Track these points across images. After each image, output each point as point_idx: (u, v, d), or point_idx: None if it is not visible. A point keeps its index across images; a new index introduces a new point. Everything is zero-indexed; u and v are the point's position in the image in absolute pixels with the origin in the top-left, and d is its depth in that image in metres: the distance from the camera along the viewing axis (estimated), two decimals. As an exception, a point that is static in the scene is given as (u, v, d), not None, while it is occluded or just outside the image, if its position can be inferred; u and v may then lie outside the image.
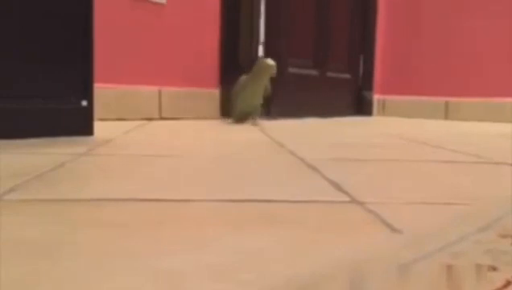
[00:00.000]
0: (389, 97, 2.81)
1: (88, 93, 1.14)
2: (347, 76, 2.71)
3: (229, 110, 1.97)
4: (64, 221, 0.44)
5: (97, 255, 0.35)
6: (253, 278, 0.31)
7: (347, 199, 0.56)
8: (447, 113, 2.66)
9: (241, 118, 1.88)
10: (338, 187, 0.63)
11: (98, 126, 1.16)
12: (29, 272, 0.32)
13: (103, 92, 1.63)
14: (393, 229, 0.44)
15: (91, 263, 0.34)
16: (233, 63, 2.21)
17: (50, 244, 0.38)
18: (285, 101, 2.31)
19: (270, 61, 1.84)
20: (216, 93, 2.15)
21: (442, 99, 2.67)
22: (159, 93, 1.95)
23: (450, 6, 2.66)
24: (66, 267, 0.33)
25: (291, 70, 2.36)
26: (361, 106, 2.79)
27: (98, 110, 1.18)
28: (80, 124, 1.13)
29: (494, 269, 0.32)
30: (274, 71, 1.85)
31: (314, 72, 2.51)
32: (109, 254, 0.36)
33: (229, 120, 1.94)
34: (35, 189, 0.58)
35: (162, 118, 1.95)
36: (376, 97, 2.86)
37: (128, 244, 0.38)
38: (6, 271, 0.32)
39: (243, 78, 1.89)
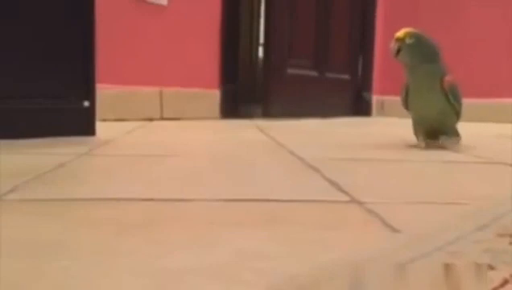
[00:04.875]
0: (388, 98, 2.81)
1: (90, 94, 1.14)
2: (346, 76, 2.71)
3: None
4: (64, 221, 0.44)
5: (97, 255, 0.35)
6: (253, 278, 0.32)
7: (347, 199, 0.56)
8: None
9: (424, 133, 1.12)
10: (338, 187, 0.63)
11: (99, 127, 1.16)
12: (29, 272, 0.32)
13: (104, 92, 1.63)
14: (392, 229, 0.44)
15: (91, 263, 0.34)
16: (233, 63, 2.21)
17: (50, 244, 0.38)
18: (284, 101, 2.32)
19: None
20: (216, 93, 2.15)
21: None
22: (160, 93, 1.95)
23: (449, 6, 2.66)
24: (66, 267, 0.33)
25: (291, 71, 2.36)
26: (360, 107, 2.79)
27: (99, 111, 1.17)
28: (82, 124, 1.13)
29: (492, 268, 0.32)
30: None
31: (313, 73, 2.51)
32: (109, 254, 0.36)
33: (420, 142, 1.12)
34: (35, 189, 0.58)
35: (163, 119, 1.95)
36: (375, 98, 2.86)
37: (128, 244, 0.38)
38: (5, 270, 0.32)
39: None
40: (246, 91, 2.35)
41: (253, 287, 0.30)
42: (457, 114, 1.11)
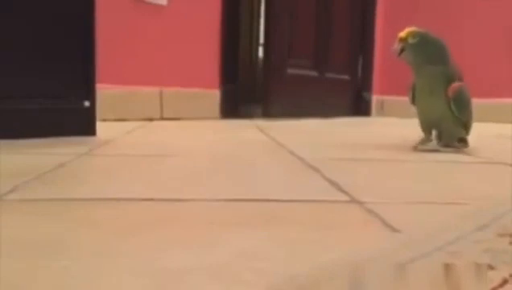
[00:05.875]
0: (388, 98, 2.81)
1: (90, 94, 1.14)
2: (346, 77, 2.71)
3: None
4: (64, 221, 0.44)
5: (97, 255, 0.35)
6: (253, 278, 0.32)
7: (347, 199, 0.56)
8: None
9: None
10: (338, 187, 0.63)
11: (99, 127, 1.16)
12: (29, 272, 0.32)
13: (104, 92, 1.63)
14: (392, 229, 0.44)
15: (91, 263, 0.34)
16: (233, 63, 2.21)
17: (50, 244, 0.38)
18: (284, 101, 2.32)
19: None
20: (216, 93, 2.16)
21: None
22: (160, 93, 1.95)
23: (449, 6, 2.66)
24: (66, 267, 0.33)
25: (291, 71, 2.36)
26: (359, 107, 2.79)
27: (99, 111, 1.18)
28: (83, 124, 1.13)
29: (492, 268, 0.32)
30: None
31: (313, 73, 2.51)
32: (109, 254, 0.36)
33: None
34: (35, 189, 0.58)
35: (163, 119, 1.95)
36: (375, 98, 2.86)
37: (128, 244, 0.38)
38: (5, 270, 0.32)
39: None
40: (246, 91, 2.35)
41: (253, 287, 0.30)
42: (464, 124, 1.08)
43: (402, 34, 1.04)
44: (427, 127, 1.09)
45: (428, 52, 1.04)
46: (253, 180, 0.69)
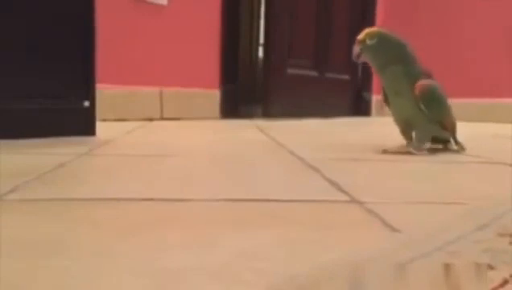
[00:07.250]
0: (388, 98, 2.81)
1: (90, 94, 1.14)
2: (346, 77, 2.72)
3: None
4: (64, 221, 0.44)
5: (97, 255, 0.35)
6: (253, 278, 0.32)
7: (347, 199, 0.56)
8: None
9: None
10: (338, 187, 0.63)
11: (99, 127, 1.16)
12: (29, 272, 0.32)
13: (104, 92, 1.63)
14: (392, 229, 0.44)
15: (91, 263, 0.34)
16: (233, 63, 2.21)
17: (50, 244, 0.38)
18: (284, 101, 2.32)
19: None
20: (216, 93, 2.16)
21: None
22: (160, 93, 1.95)
23: (449, 6, 2.66)
24: (65, 267, 0.33)
25: (291, 71, 2.36)
26: (359, 107, 2.80)
27: (99, 111, 1.18)
28: (82, 124, 1.13)
29: (492, 268, 0.32)
30: None
31: (313, 73, 2.51)
32: (109, 254, 0.36)
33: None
34: (35, 189, 0.58)
35: (163, 119, 1.95)
36: (375, 98, 2.87)
37: (128, 244, 0.38)
38: (5, 270, 0.32)
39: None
40: (246, 91, 2.35)
41: (253, 287, 0.30)
42: (440, 123, 1.02)
43: (360, 36, 1.00)
44: (402, 128, 1.06)
45: (388, 53, 1.00)
46: (253, 180, 0.69)
